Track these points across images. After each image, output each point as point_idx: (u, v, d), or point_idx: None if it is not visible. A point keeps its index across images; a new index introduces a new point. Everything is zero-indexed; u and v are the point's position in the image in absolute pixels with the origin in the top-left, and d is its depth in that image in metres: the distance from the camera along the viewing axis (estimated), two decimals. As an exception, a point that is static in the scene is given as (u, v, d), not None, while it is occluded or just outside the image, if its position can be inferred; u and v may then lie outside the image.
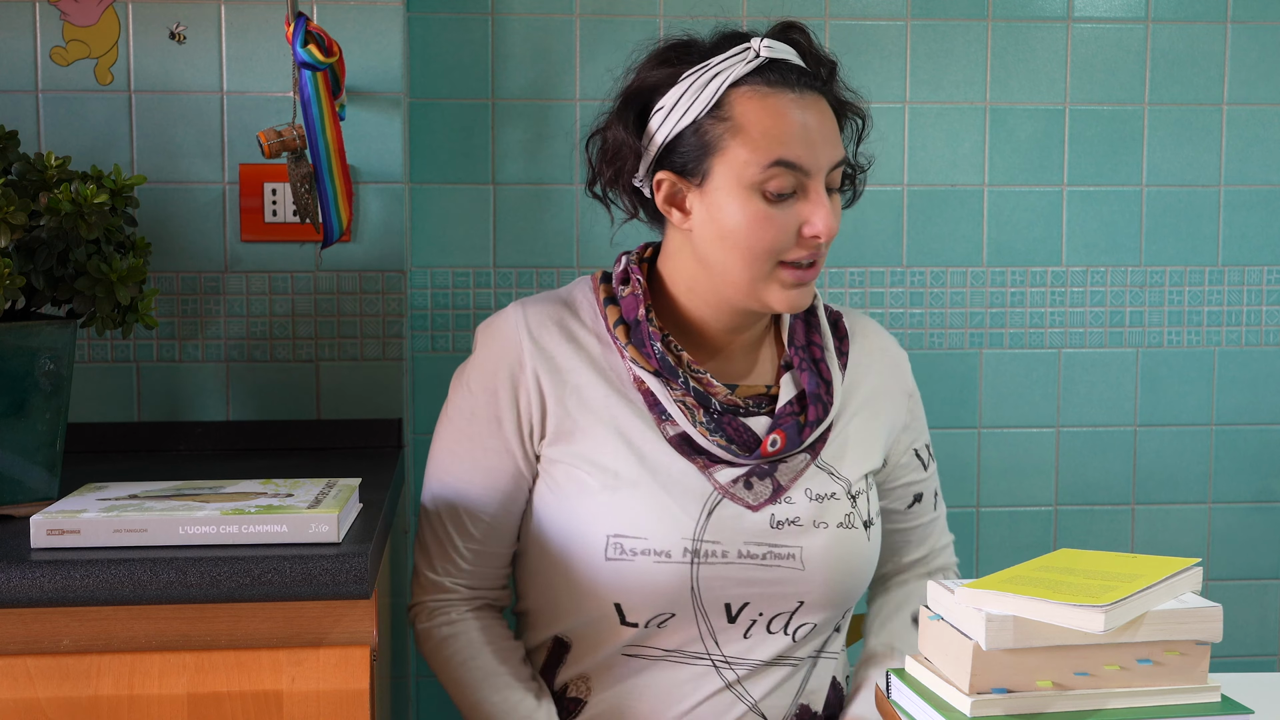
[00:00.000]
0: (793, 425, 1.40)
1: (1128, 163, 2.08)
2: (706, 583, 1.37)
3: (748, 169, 1.32)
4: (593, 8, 1.97)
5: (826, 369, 1.45)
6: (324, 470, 1.59)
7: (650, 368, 1.39)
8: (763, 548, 1.38)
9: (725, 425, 1.39)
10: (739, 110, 1.34)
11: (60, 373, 1.39)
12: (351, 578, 1.22)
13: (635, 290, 1.42)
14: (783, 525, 1.39)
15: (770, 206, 1.33)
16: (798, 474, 1.41)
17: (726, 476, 1.39)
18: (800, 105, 1.34)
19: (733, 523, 1.37)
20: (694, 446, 1.39)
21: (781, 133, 1.32)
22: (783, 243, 1.33)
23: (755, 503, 1.38)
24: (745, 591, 1.39)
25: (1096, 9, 2.06)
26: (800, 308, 1.38)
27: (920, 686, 1.22)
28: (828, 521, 1.40)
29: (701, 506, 1.37)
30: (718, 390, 1.40)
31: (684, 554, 1.36)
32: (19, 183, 1.39)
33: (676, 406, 1.38)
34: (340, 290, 1.82)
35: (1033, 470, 2.11)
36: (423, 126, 1.96)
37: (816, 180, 1.33)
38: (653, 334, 1.39)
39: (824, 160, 1.34)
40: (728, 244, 1.35)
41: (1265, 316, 2.12)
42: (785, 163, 1.32)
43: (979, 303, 2.08)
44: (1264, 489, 2.15)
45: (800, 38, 1.41)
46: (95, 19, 1.76)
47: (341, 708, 1.24)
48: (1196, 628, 1.16)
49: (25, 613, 1.22)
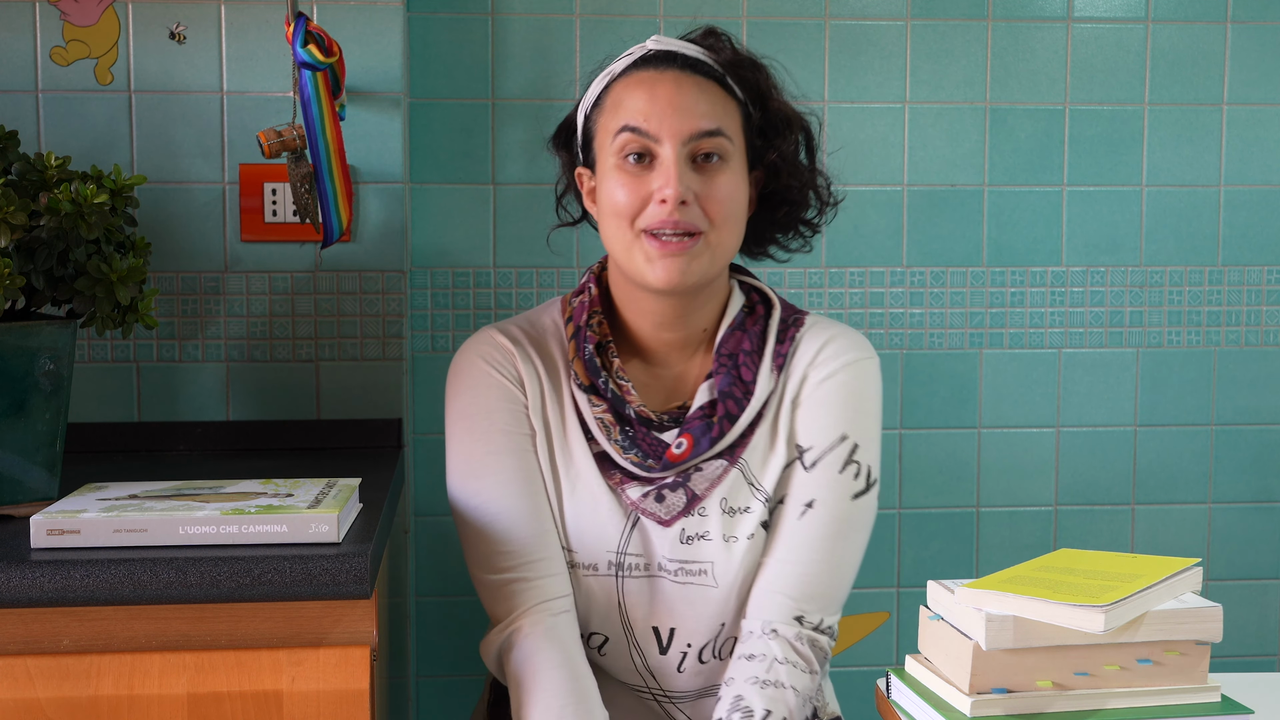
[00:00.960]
0: (700, 427, 1.39)
1: (1128, 163, 2.08)
2: (631, 599, 1.40)
3: (607, 141, 1.38)
4: (593, 8, 1.97)
5: (747, 371, 1.41)
6: (324, 470, 1.59)
7: (586, 381, 1.41)
8: (675, 563, 1.40)
9: (640, 441, 1.40)
10: (611, 97, 1.40)
11: (60, 373, 1.39)
12: (351, 578, 1.22)
13: (584, 298, 1.45)
14: (692, 540, 1.39)
15: (626, 174, 1.36)
16: (714, 482, 1.39)
17: (637, 492, 1.39)
18: (657, 79, 1.38)
19: (650, 537, 1.40)
20: (612, 463, 1.41)
21: (631, 101, 1.37)
22: (635, 205, 1.35)
23: (667, 516, 1.39)
24: (668, 613, 1.41)
25: (1096, 9, 2.06)
26: (676, 282, 1.35)
27: (920, 686, 1.22)
28: (738, 535, 1.39)
29: (625, 521, 1.40)
30: (632, 399, 1.40)
31: (609, 566, 1.40)
32: (19, 183, 1.39)
33: (597, 424, 1.40)
34: (340, 290, 1.82)
35: (1033, 470, 2.11)
36: (423, 126, 1.96)
37: (665, 147, 1.35)
38: (589, 337, 1.42)
39: (672, 127, 1.35)
40: (605, 214, 1.39)
41: (1265, 316, 2.12)
42: (629, 127, 1.36)
43: (979, 303, 2.08)
44: (1264, 489, 2.15)
45: (715, 41, 1.44)
46: (95, 19, 1.76)
47: (341, 708, 1.24)
48: (1196, 628, 1.16)
49: (25, 613, 1.22)
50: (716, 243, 1.36)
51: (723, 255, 1.38)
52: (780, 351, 1.43)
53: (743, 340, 1.43)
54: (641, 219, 1.35)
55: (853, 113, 2.03)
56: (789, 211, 1.47)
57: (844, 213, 2.05)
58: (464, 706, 2.00)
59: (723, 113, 1.38)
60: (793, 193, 1.45)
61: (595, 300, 1.45)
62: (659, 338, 1.44)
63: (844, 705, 1.85)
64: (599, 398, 1.41)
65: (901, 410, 2.07)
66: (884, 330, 2.06)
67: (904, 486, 2.08)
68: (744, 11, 2.00)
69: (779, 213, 1.48)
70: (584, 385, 1.41)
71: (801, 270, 2.04)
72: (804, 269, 2.04)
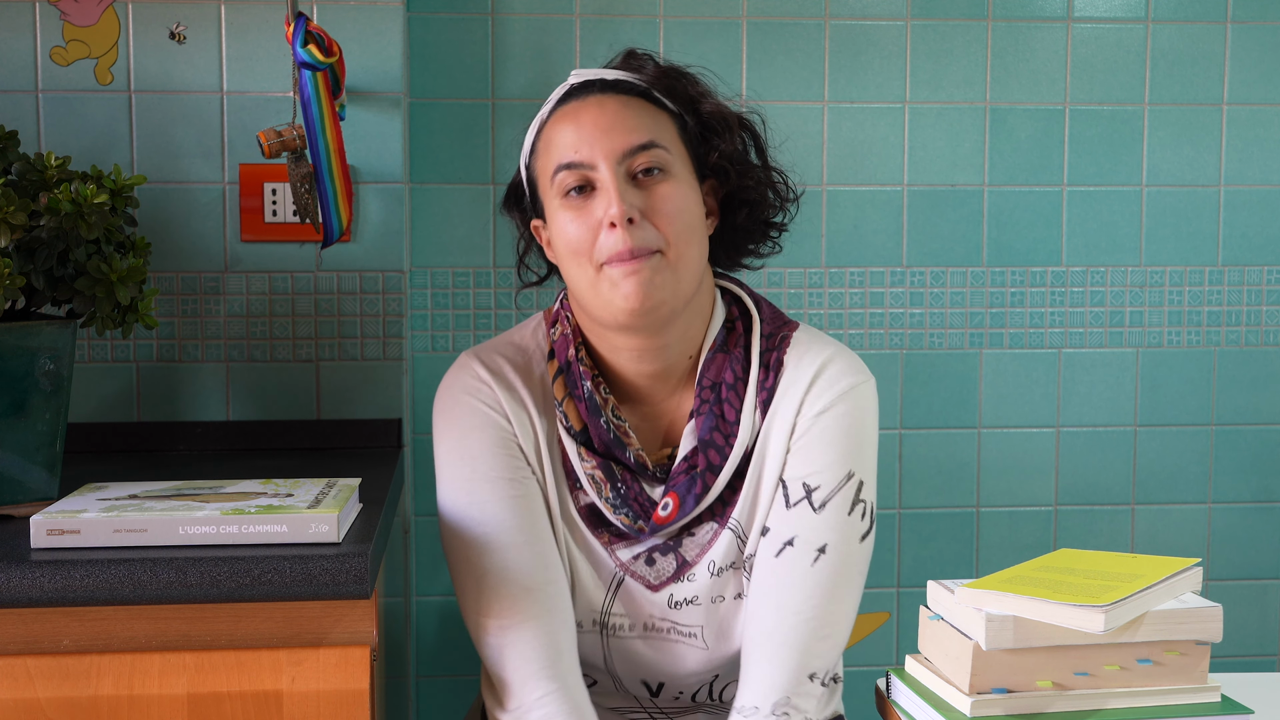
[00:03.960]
0: (685, 482, 1.33)
1: (1128, 163, 2.08)
2: (619, 655, 1.38)
3: (548, 185, 1.34)
4: (593, 8, 1.97)
5: (731, 409, 1.34)
6: (324, 470, 1.59)
7: (577, 426, 1.35)
8: (666, 623, 1.37)
9: (630, 501, 1.34)
10: (543, 140, 1.37)
11: (60, 373, 1.39)
12: (351, 578, 1.22)
13: (565, 329, 1.39)
14: (680, 605, 1.36)
15: (571, 209, 1.31)
16: (704, 548, 1.35)
17: (628, 554, 1.36)
18: (580, 108, 1.34)
19: (637, 598, 1.36)
20: (601, 519, 1.36)
21: (559, 139, 1.33)
22: (587, 237, 1.29)
23: (656, 581, 1.36)
24: (657, 670, 1.39)
25: (1096, 9, 2.06)
26: (645, 300, 1.28)
27: (920, 686, 1.22)
28: (724, 595, 1.36)
29: (610, 579, 1.37)
30: (632, 441, 1.35)
31: (593, 624, 1.37)
32: (19, 183, 1.39)
33: (587, 479, 1.35)
34: (340, 290, 1.82)
35: (1033, 470, 2.11)
36: (423, 126, 1.96)
37: (603, 171, 1.30)
38: (583, 373, 1.36)
39: (603, 148, 1.30)
40: (564, 260, 1.34)
41: (1265, 316, 2.12)
42: (562, 164, 1.32)
43: (979, 303, 2.08)
44: (1264, 489, 2.15)
45: (635, 61, 1.40)
46: (95, 19, 1.76)
47: (341, 708, 1.24)
48: (1196, 628, 1.16)
49: (25, 613, 1.22)
50: (676, 259, 1.29)
51: (686, 272, 1.31)
52: (765, 385, 1.36)
53: (724, 368, 1.36)
54: (597, 251, 1.29)
55: (853, 113, 2.03)
56: (749, 213, 1.41)
57: (844, 213, 2.05)
58: (464, 706, 2.00)
59: (653, 124, 1.33)
60: (749, 192, 1.40)
61: (577, 331, 1.38)
62: (639, 371, 1.37)
63: (844, 705, 1.85)
64: (589, 451, 1.35)
65: (901, 410, 2.07)
66: (884, 330, 2.06)
67: (904, 486, 2.08)
68: (744, 11, 2.00)
69: (740, 216, 1.41)
70: (575, 432, 1.35)
71: (801, 270, 2.04)
72: (804, 269, 2.04)
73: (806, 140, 2.02)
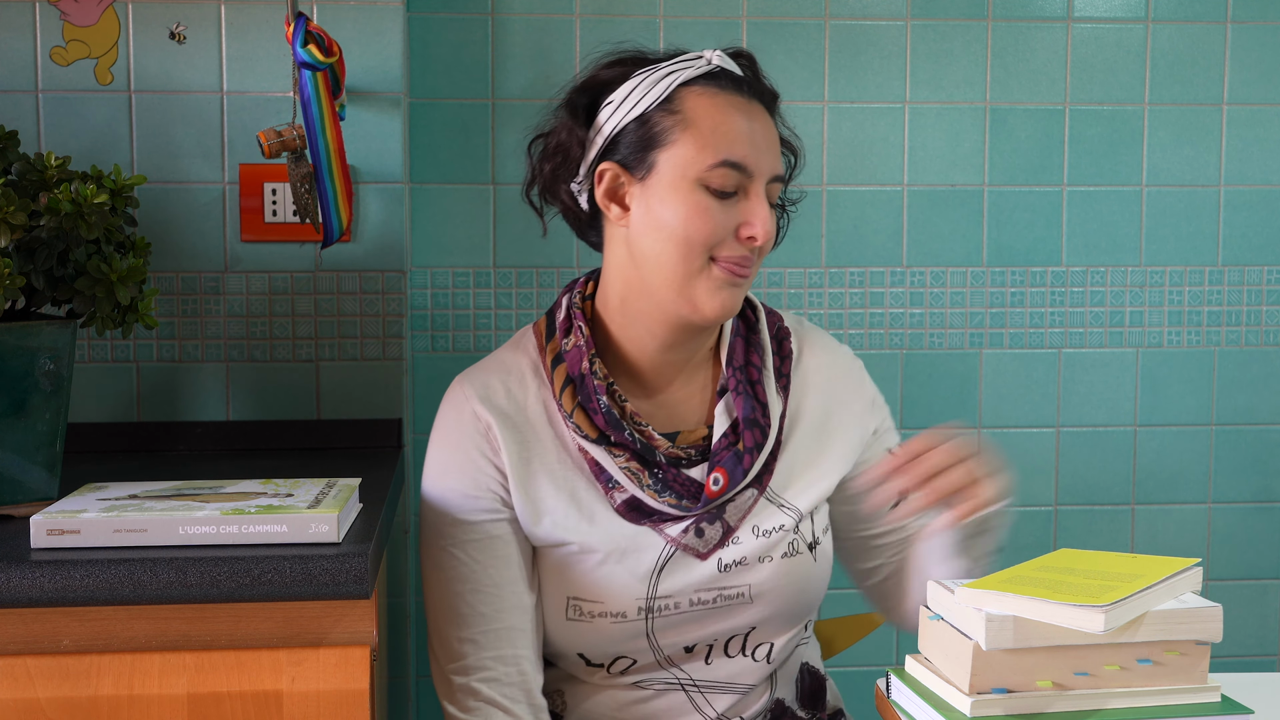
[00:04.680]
0: (730, 458, 1.37)
1: (1128, 163, 2.08)
2: (662, 631, 1.39)
3: (694, 164, 1.32)
4: (593, 8, 1.97)
5: (763, 391, 1.40)
6: (324, 470, 1.59)
7: (594, 434, 1.36)
8: (712, 592, 1.38)
9: (672, 483, 1.37)
10: (689, 105, 1.33)
11: (60, 373, 1.39)
12: (351, 578, 1.22)
13: (578, 340, 1.38)
14: (730, 568, 1.38)
15: (712, 201, 1.32)
16: (745, 512, 1.39)
17: (677, 529, 1.37)
18: (748, 111, 1.35)
19: (683, 575, 1.37)
20: (644, 510, 1.37)
21: (730, 131, 1.32)
22: (719, 236, 1.32)
23: (705, 550, 1.37)
24: (700, 633, 1.40)
25: (1096, 9, 2.06)
26: (729, 312, 1.34)
27: (920, 686, 1.22)
28: (773, 555, 1.39)
29: (653, 568, 1.37)
30: (660, 443, 1.36)
31: (638, 612, 1.38)
32: (19, 183, 1.39)
33: (622, 473, 1.36)
34: (340, 290, 1.82)
35: (1033, 470, 2.11)
36: (423, 126, 1.96)
37: (758, 184, 1.33)
38: (598, 387, 1.36)
39: (766, 167, 1.33)
40: (664, 235, 1.32)
41: (1265, 316, 2.12)
42: (731, 162, 1.31)
43: (979, 303, 2.08)
44: (1264, 489, 2.15)
45: (747, 64, 1.41)
46: (95, 19, 1.76)
47: (341, 708, 1.24)
48: (1196, 628, 1.16)
49: (25, 613, 1.22)
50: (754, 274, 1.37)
51: None
52: (782, 370, 1.43)
53: (750, 352, 1.42)
54: (720, 248, 1.32)
55: (853, 113, 2.03)
56: None
57: (844, 213, 2.05)
58: (464, 706, 2.00)
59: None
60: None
61: (590, 342, 1.38)
62: (662, 359, 1.40)
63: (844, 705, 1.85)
64: (618, 447, 1.37)
65: (901, 410, 2.07)
66: (884, 330, 2.06)
67: (904, 486, 2.08)
68: (744, 11, 2.00)
69: None
70: (594, 437, 1.36)
71: (801, 270, 2.04)
72: (804, 269, 2.04)
73: (806, 140, 1.99)
